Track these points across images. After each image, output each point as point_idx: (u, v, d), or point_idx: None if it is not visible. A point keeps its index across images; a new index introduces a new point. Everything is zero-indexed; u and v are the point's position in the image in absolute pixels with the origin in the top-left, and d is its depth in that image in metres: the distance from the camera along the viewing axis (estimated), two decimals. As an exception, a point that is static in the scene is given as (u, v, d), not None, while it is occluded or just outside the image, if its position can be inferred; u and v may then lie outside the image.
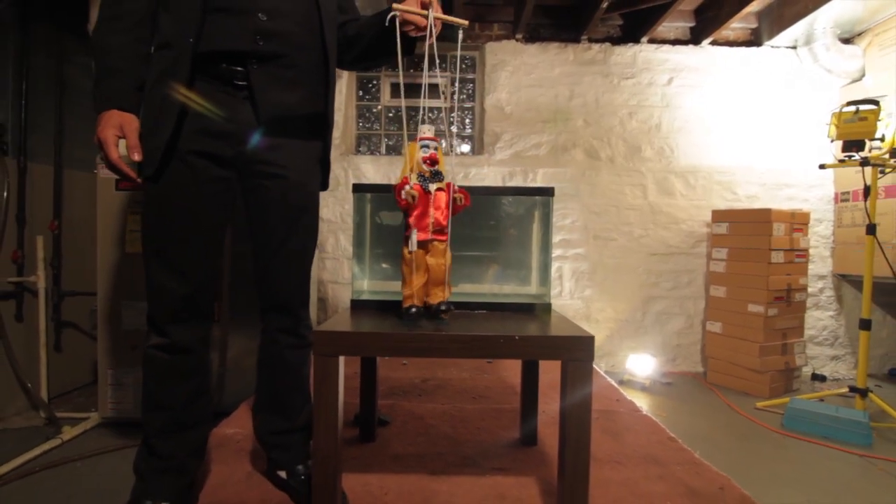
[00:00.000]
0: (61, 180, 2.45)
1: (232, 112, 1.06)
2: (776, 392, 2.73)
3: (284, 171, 1.15)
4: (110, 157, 0.98)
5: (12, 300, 2.23)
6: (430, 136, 1.07)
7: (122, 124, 0.98)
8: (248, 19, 1.03)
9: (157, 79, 1.03)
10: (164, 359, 1.07)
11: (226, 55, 1.04)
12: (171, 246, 1.04)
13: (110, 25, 1.02)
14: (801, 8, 2.82)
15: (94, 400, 2.39)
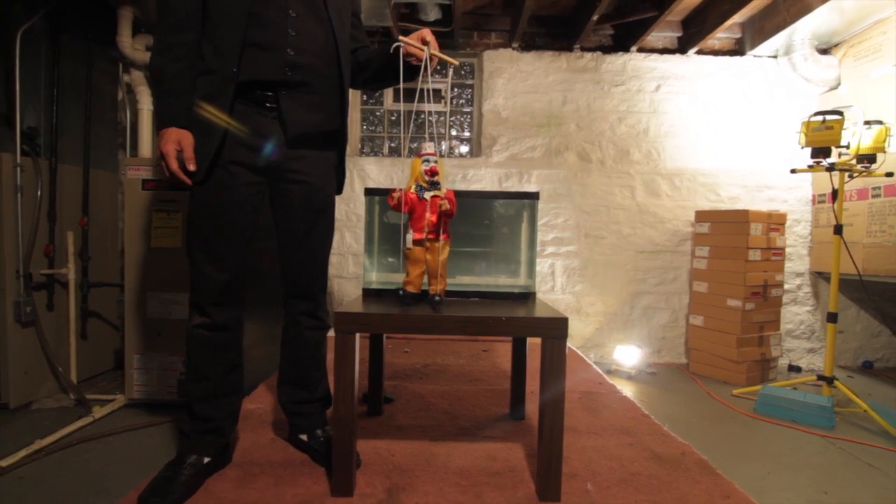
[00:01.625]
0: (88, 180, 2.63)
1: (266, 129, 1.25)
2: (753, 381, 2.93)
3: (307, 178, 1.35)
4: (171, 167, 1.17)
5: (44, 290, 2.41)
6: (432, 152, 1.26)
7: (179, 140, 1.18)
8: (280, 54, 1.23)
9: (203, 100, 1.21)
10: (206, 336, 1.26)
11: (260, 83, 1.22)
12: (214, 240, 1.23)
13: (167, 55, 1.21)
14: (780, 20, 3.00)
15: (118, 384, 2.59)
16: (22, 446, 1.87)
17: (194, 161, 1.20)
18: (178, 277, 2.26)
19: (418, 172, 1.26)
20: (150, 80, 1.26)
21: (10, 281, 2.23)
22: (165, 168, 1.19)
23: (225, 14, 1.21)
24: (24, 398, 2.31)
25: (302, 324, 1.40)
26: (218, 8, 1.21)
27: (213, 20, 1.22)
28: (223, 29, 1.21)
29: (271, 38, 1.22)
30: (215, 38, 1.21)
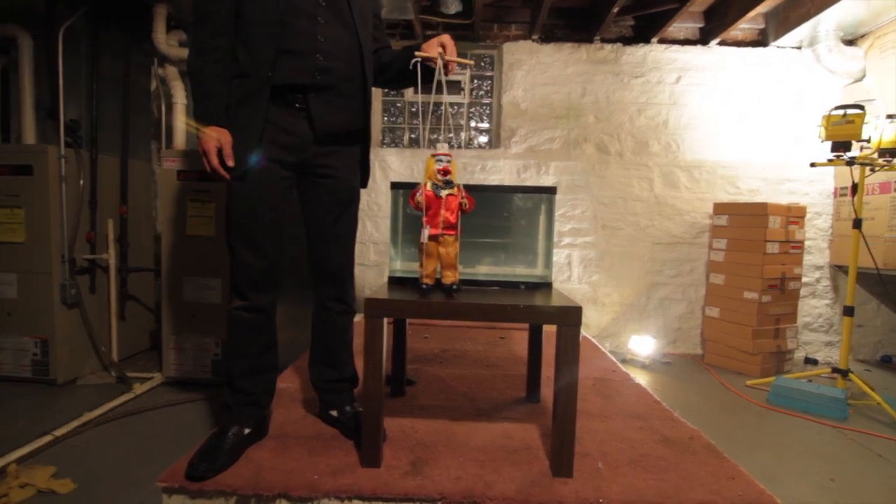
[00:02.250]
0: (127, 169, 2.77)
1: (296, 128, 1.35)
2: (767, 372, 2.96)
3: (334, 172, 1.44)
4: (212, 163, 1.27)
5: (87, 275, 2.56)
6: (445, 153, 1.33)
7: (219, 138, 1.27)
8: (310, 59, 1.32)
9: (240, 101, 1.30)
10: (245, 317, 1.36)
11: (292, 86, 1.31)
12: (252, 230, 1.33)
13: (204, 58, 1.29)
14: (805, 11, 2.97)
15: (154, 363, 2.74)
16: (72, 418, 2.03)
17: (233, 157, 1.29)
18: (211, 263, 2.39)
19: (432, 171, 1.33)
20: (190, 80, 1.35)
21: (56, 265, 2.39)
22: (207, 164, 1.28)
23: (259, 22, 1.29)
24: (70, 374, 2.48)
25: (331, 308, 1.51)
26: (252, 16, 1.29)
27: (247, 27, 1.31)
28: (257, 36, 1.29)
29: (302, 45, 1.31)
30: (250, 43, 1.30)
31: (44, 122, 2.51)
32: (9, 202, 2.36)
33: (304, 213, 1.49)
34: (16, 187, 2.35)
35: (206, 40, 1.30)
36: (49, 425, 1.96)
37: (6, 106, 2.54)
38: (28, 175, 2.34)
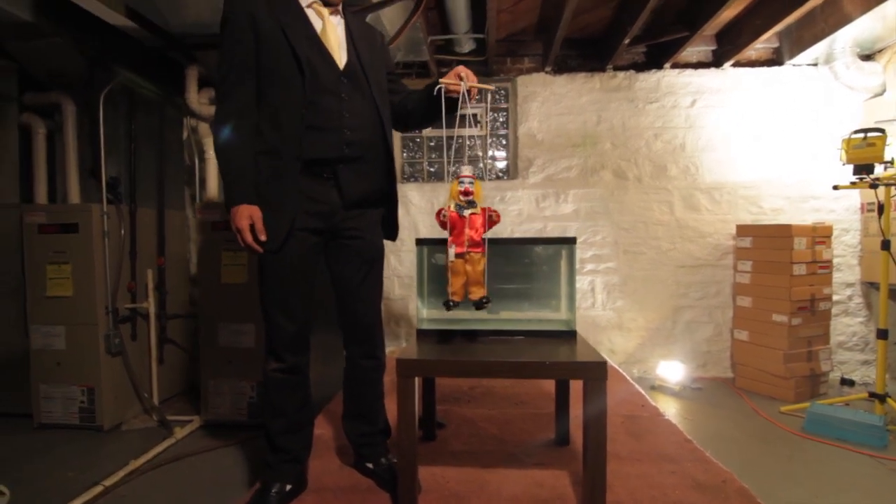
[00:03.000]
0: (163, 220, 2.91)
1: (326, 197, 1.43)
2: (802, 396, 2.90)
3: (361, 234, 1.52)
4: (246, 240, 1.33)
5: (128, 323, 2.69)
6: (468, 175, 1.38)
7: (251, 215, 1.33)
8: (338, 135, 1.40)
9: (270, 177, 1.38)
10: (282, 378, 1.43)
11: (321, 160, 1.40)
12: (286, 298, 1.41)
13: (231, 139, 1.35)
14: (818, 30, 2.97)
15: (191, 405, 2.84)
16: (118, 466, 2.12)
17: (265, 232, 1.35)
18: (245, 309, 2.49)
19: (455, 192, 1.39)
20: (218, 160, 1.42)
21: (100, 316, 2.52)
22: (241, 240, 1.34)
23: (285, 104, 1.36)
24: (115, 420, 2.59)
25: (363, 365, 1.57)
26: (278, 98, 1.36)
27: (273, 108, 1.38)
28: (285, 116, 1.36)
29: (330, 122, 1.39)
30: (277, 123, 1.36)
31: (87, 180, 2.67)
32: (57, 258, 2.51)
33: (333, 273, 1.55)
34: (63, 244, 2.50)
35: (233, 120, 1.36)
36: (98, 473, 2.05)
37: (52, 166, 2.71)
38: (74, 233, 2.49)
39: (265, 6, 1.36)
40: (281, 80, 1.36)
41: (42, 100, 2.61)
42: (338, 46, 1.44)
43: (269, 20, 1.35)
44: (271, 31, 1.35)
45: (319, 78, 1.38)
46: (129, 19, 2.19)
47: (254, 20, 1.35)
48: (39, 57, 2.46)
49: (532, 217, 3.45)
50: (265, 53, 1.36)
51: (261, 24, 1.35)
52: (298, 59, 1.35)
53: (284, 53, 1.35)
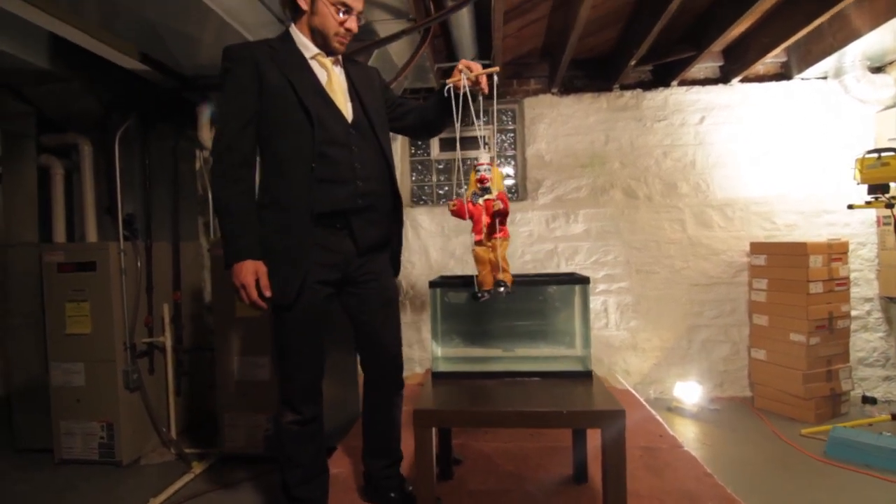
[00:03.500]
0: (178, 253, 2.95)
1: (339, 247, 1.44)
2: (823, 417, 2.85)
3: (376, 277, 1.54)
4: (251, 296, 1.32)
5: (146, 357, 2.72)
6: (484, 162, 1.41)
7: (256, 271, 1.32)
8: (350, 187, 1.41)
9: (279, 230, 1.36)
10: (297, 430, 1.45)
11: (335, 212, 1.40)
12: (301, 351, 1.42)
13: (232, 190, 1.33)
14: (827, 45, 2.95)
15: (208, 436, 2.86)
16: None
17: (269, 288, 1.33)
18: (259, 343, 2.51)
19: (473, 182, 1.42)
20: (217, 214, 1.37)
21: (119, 352, 2.55)
22: (245, 297, 1.31)
23: (294, 155, 1.35)
24: (134, 454, 2.61)
25: (385, 402, 1.61)
26: (285, 149, 1.36)
27: (279, 159, 1.36)
28: (293, 168, 1.35)
29: (342, 174, 1.39)
30: (285, 174, 1.36)
31: (103, 216, 2.72)
32: (76, 296, 2.55)
33: (352, 318, 1.56)
34: (82, 283, 2.54)
35: (231, 172, 1.34)
36: (120, 514, 2.07)
37: (70, 204, 2.76)
38: (92, 271, 2.53)
39: (270, 58, 1.37)
40: (289, 133, 1.36)
41: (59, 141, 2.67)
42: (343, 97, 1.45)
43: (274, 72, 1.35)
44: (278, 83, 1.35)
45: (329, 130, 1.38)
46: (142, 63, 2.23)
47: (258, 71, 1.35)
48: (56, 101, 2.53)
49: (543, 238, 3.45)
50: (272, 105, 1.36)
51: (266, 75, 1.35)
52: (308, 112, 1.35)
53: (292, 106, 1.35)
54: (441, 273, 3.48)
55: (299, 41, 1.42)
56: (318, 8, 1.37)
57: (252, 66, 1.35)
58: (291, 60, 1.39)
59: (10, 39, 1.99)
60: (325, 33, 1.39)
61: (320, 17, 1.38)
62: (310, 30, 1.41)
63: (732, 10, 2.56)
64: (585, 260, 3.42)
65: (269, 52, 1.37)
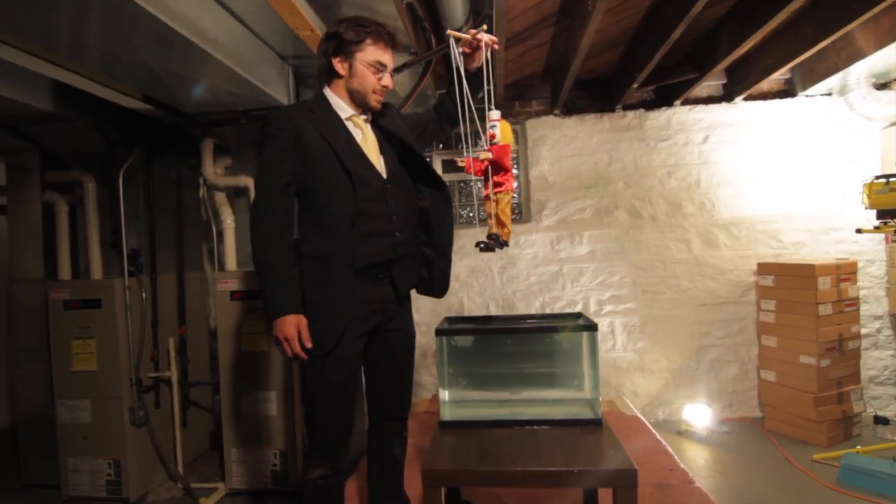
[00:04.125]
0: (184, 286, 2.95)
1: (380, 296, 1.49)
2: (836, 440, 2.82)
3: (403, 325, 1.60)
4: (294, 349, 1.37)
5: (152, 392, 2.72)
6: (495, 118, 1.51)
7: (297, 324, 1.37)
8: (390, 239, 1.47)
9: (320, 282, 1.42)
10: (322, 485, 1.46)
11: (378, 264, 1.46)
12: (335, 404, 1.44)
13: (274, 249, 1.40)
14: (831, 64, 2.93)
15: (215, 468, 2.85)
16: (148, 547, 2.13)
17: (310, 339, 1.39)
18: (266, 377, 2.50)
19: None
20: (258, 271, 1.42)
21: (125, 389, 2.55)
22: (288, 349, 1.37)
23: (335, 212, 1.41)
24: (141, 490, 2.61)
25: (392, 444, 1.63)
26: (328, 207, 1.42)
27: (322, 215, 1.43)
28: (335, 224, 1.41)
29: (381, 227, 1.46)
30: (327, 230, 1.42)
31: (108, 251, 2.71)
32: (81, 333, 2.55)
33: (373, 364, 1.59)
34: (87, 320, 2.54)
35: (272, 231, 1.42)
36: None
37: (74, 237, 2.76)
38: (97, 308, 2.53)
39: (310, 122, 1.44)
40: (330, 192, 1.42)
41: (63, 177, 2.68)
42: (377, 154, 1.52)
43: (316, 136, 1.43)
44: (319, 146, 1.42)
45: (368, 187, 1.44)
46: (144, 103, 2.24)
47: (300, 136, 1.42)
48: (59, 139, 2.53)
49: (548, 260, 3.43)
50: (313, 166, 1.43)
51: (308, 139, 1.42)
52: (348, 173, 1.42)
53: (334, 167, 1.42)
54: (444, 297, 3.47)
55: (335, 103, 1.50)
56: (356, 70, 1.46)
57: (293, 132, 1.42)
58: (329, 123, 1.47)
59: (11, 85, 2.00)
60: (363, 93, 1.48)
61: (359, 79, 1.47)
62: (347, 92, 1.50)
63: (735, 34, 2.55)
64: (591, 281, 3.41)
65: (309, 116, 1.45)
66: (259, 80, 2.13)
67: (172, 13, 1.53)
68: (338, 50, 1.46)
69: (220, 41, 1.79)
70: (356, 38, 1.44)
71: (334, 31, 1.47)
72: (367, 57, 1.45)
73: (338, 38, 1.45)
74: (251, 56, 2.10)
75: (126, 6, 1.39)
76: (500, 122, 1.53)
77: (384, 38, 1.48)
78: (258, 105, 2.35)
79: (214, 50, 1.76)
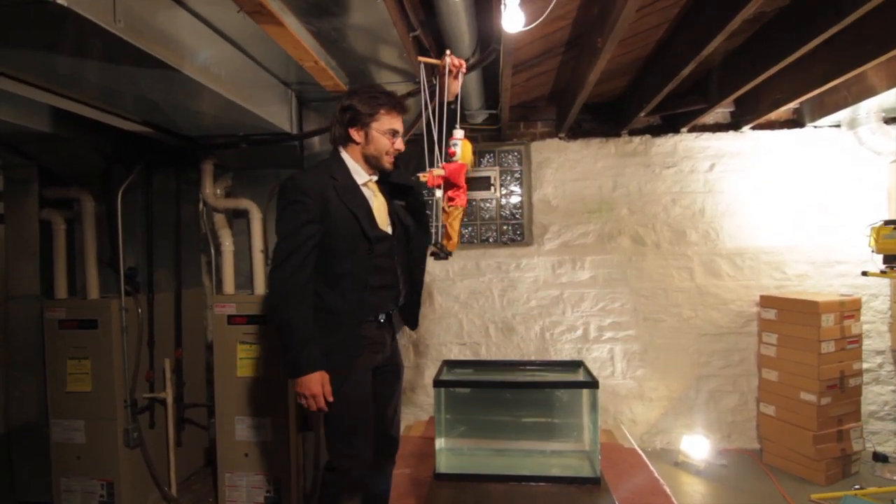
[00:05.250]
0: (181, 306, 2.92)
1: (383, 339, 1.62)
2: (833, 478, 2.79)
3: (397, 364, 1.74)
4: (319, 405, 1.48)
5: (147, 413, 2.70)
6: (458, 137, 1.62)
7: (322, 381, 1.47)
8: (395, 292, 1.65)
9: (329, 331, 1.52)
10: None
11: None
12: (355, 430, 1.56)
13: (298, 309, 1.48)
14: (841, 98, 2.89)
15: (208, 486, 2.83)
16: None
17: (331, 394, 1.50)
18: (261, 403, 2.48)
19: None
20: (282, 330, 1.50)
21: (119, 410, 2.53)
22: (313, 405, 1.47)
23: (351, 272, 1.54)
24: (134, 512, 2.59)
25: (386, 468, 1.72)
26: (345, 268, 1.54)
27: (339, 275, 1.54)
28: (350, 282, 1.54)
29: (388, 281, 1.63)
30: (341, 288, 1.54)
31: (105, 270, 2.69)
32: (76, 353, 2.53)
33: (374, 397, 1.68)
34: (83, 340, 2.52)
35: (298, 292, 1.49)
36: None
37: (72, 254, 2.73)
38: (93, 328, 2.51)
39: (334, 190, 1.54)
40: (348, 254, 1.55)
41: (61, 194, 2.65)
42: (385, 215, 1.66)
43: (340, 205, 1.54)
44: (344, 216, 1.54)
45: (380, 246, 1.60)
46: (144, 126, 2.21)
47: (327, 203, 1.53)
48: (57, 158, 2.51)
49: (548, 284, 3.40)
50: (336, 232, 1.54)
51: (333, 207, 1.53)
52: (367, 237, 1.56)
53: (355, 233, 1.55)
54: (443, 318, 3.45)
55: (352, 168, 1.63)
56: (371, 138, 1.59)
57: (320, 200, 1.52)
58: (350, 190, 1.59)
59: (8, 107, 1.96)
60: (378, 157, 1.61)
61: (375, 145, 1.60)
62: (363, 157, 1.63)
63: (745, 69, 2.51)
64: (592, 307, 3.38)
65: (332, 183, 1.56)
66: (261, 107, 2.11)
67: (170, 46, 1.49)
68: (354, 121, 1.58)
69: (221, 76, 1.76)
70: (370, 111, 1.57)
71: (349, 103, 1.58)
72: (382, 126, 1.58)
73: (353, 111, 1.57)
74: (253, 85, 2.08)
75: (126, 48, 1.36)
76: (463, 141, 1.64)
77: (395, 108, 1.61)
78: (259, 131, 2.32)
79: (215, 85, 1.73)
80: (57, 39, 1.36)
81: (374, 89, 1.62)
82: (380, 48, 2.07)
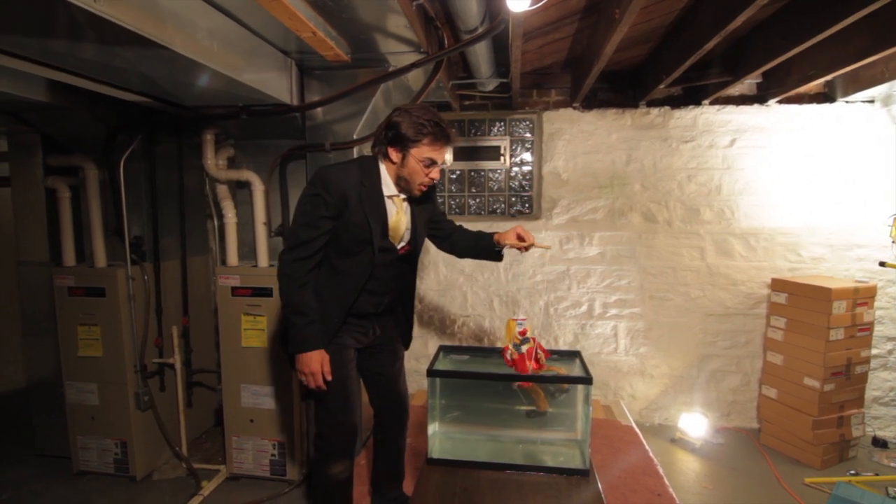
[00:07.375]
0: (186, 275, 2.95)
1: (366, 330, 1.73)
2: (830, 462, 2.81)
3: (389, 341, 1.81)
4: (318, 383, 1.55)
5: (157, 377, 2.78)
6: (522, 318, 1.69)
7: (321, 359, 1.55)
8: (381, 298, 1.70)
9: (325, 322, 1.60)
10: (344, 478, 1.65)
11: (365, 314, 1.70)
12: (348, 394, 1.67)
13: (302, 288, 1.56)
14: (878, 73, 2.70)
15: (218, 447, 2.95)
16: (150, 530, 2.24)
17: (331, 373, 1.58)
18: (265, 372, 2.54)
19: (513, 333, 1.66)
20: (289, 309, 1.58)
21: (129, 374, 2.61)
22: (313, 383, 1.55)
23: (352, 273, 1.60)
24: (147, 468, 2.72)
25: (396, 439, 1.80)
26: (346, 268, 1.60)
27: (339, 273, 1.61)
28: (348, 282, 1.60)
29: (380, 288, 1.67)
30: (339, 285, 1.61)
31: (111, 237, 2.70)
32: (86, 320, 2.59)
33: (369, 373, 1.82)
34: (92, 307, 2.57)
35: (305, 277, 1.57)
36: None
37: (78, 221, 2.74)
38: (101, 296, 2.56)
39: (358, 196, 1.56)
40: (352, 257, 1.61)
41: (65, 161, 2.63)
42: (403, 230, 1.68)
43: (359, 212, 1.56)
44: (360, 222, 1.57)
45: (383, 256, 1.63)
46: (143, 97, 2.15)
47: (346, 204, 1.55)
48: (58, 127, 2.48)
49: (555, 259, 3.36)
50: (346, 234, 1.58)
51: (351, 211, 1.56)
52: (374, 247, 1.59)
53: (364, 240, 1.59)
54: (448, 290, 3.45)
55: (384, 180, 1.63)
56: (408, 163, 1.58)
57: (341, 199, 1.55)
58: (374, 200, 1.60)
59: (6, 78, 1.92)
60: (410, 182, 1.60)
61: (409, 170, 1.58)
62: (396, 176, 1.62)
63: (775, 42, 2.34)
64: (598, 283, 3.34)
65: (359, 188, 1.57)
66: (258, 80, 2.03)
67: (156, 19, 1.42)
68: (395, 141, 1.56)
69: (213, 48, 1.69)
70: (414, 137, 1.53)
71: (397, 121, 1.55)
72: (422, 154, 1.55)
73: (396, 130, 1.54)
74: (249, 54, 1.99)
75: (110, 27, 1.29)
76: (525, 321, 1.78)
77: (441, 139, 1.55)
78: (259, 101, 2.25)
79: (207, 60, 1.66)
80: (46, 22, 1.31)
81: (424, 115, 1.55)
82: (384, 17, 1.95)
